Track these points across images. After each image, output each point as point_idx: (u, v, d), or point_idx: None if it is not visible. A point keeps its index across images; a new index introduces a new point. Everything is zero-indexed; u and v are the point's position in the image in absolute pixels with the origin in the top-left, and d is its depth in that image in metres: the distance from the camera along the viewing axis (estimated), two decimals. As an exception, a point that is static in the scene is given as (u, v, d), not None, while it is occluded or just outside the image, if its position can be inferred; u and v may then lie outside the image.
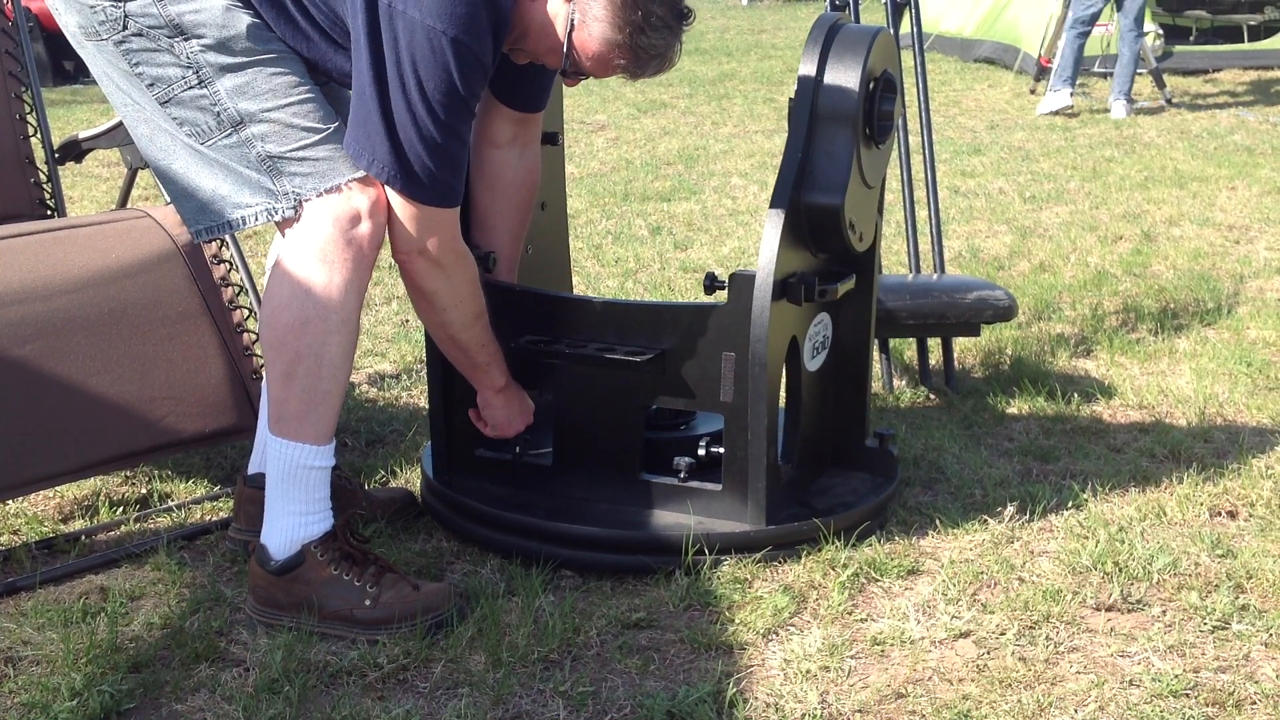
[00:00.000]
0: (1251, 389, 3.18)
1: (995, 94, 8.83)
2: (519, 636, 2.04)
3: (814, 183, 2.26)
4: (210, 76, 2.01)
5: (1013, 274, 4.30)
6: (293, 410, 2.06)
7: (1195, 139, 7.02)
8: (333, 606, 2.07)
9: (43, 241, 2.51)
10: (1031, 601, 2.15)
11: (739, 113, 8.21)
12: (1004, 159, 6.51)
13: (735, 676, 1.95)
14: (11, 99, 2.92)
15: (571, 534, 2.28)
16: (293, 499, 2.08)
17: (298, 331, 2.02)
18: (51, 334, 2.39)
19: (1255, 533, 2.41)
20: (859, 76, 2.25)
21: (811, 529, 2.30)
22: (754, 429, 2.24)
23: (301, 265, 2.02)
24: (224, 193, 2.05)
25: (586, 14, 2.01)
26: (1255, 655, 2.01)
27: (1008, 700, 1.88)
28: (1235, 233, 4.88)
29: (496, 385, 2.35)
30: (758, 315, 2.20)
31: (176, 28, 2.00)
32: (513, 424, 2.41)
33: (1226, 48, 9.86)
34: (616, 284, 4.19)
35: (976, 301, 3.06)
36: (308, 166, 2.03)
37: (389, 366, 3.44)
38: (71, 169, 5.72)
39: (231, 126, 2.02)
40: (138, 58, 2.03)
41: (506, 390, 2.37)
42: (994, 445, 2.87)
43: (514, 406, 2.40)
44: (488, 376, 2.33)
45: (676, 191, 5.77)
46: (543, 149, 2.57)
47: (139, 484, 2.69)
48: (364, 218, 2.02)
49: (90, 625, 2.10)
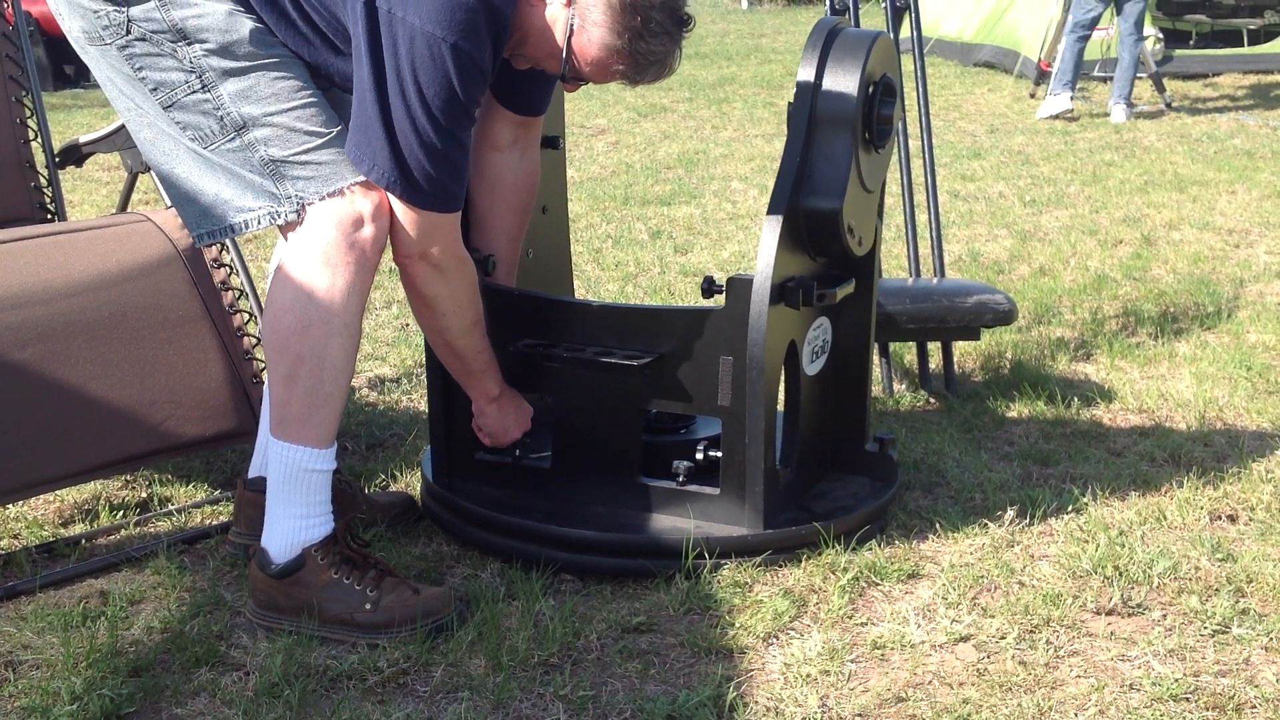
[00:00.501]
0: (1251, 393, 3.18)
1: (995, 98, 8.83)
2: (519, 640, 2.04)
3: (812, 187, 2.26)
4: (213, 81, 2.01)
5: (1013, 278, 4.30)
6: (294, 413, 2.06)
7: (1195, 143, 7.02)
8: (333, 610, 2.07)
9: (43, 245, 2.51)
10: (1032, 605, 2.15)
11: (739, 117, 8.21)
12: (1004, 163, 6.51)
13: (735, 680, 1.95)
14: (12, 103, 2.92)
15: (569, 538, 2.27)
16: (293, 502, 2.08)
17: (300, 334, 2.03)
18: (52, 338, 2.39)
19: (1255, 537, 2.41)
20: (858, 80, 2.26)
21: (809, 533, 2.30)
22: (751, 433, 2.24)
23: (304, 269, 2.02)
24: (226, 197, 2.05)
25: (586, 19, 2.01)
26: (1255, 659, 2.00)
27: (1008, 704, 1.88)
28: (1235, 237, 4.88)
29: (490, 394, 2.35)
30: (755, 319, 2.20)
31: (180, 32, 2.00)
32: (508, 432, 2.41)
33: (1226, 52, 9.87)
34: (616, 288, 4.19)
35: (976, 305, 3.06)
36: (310, 170, 2.03)
37: (389, 370, 3.44)
38: (72, 173, 5.72)
39: (234, 130, 2.02)
40: (141, 62, 2.03)
41: (500, 399, 2.37)
42: (994, 449, 2.87)
43: (509, 415, 2.40)
44: (481, 385, 2.33)
45: (676, 195, 5.78)
46: (544, 153, 2.57)
47: (139, 488, 2.69)
48: (367, 221, 2.02)
49: (90, 629, 2.10)
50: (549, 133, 2.61)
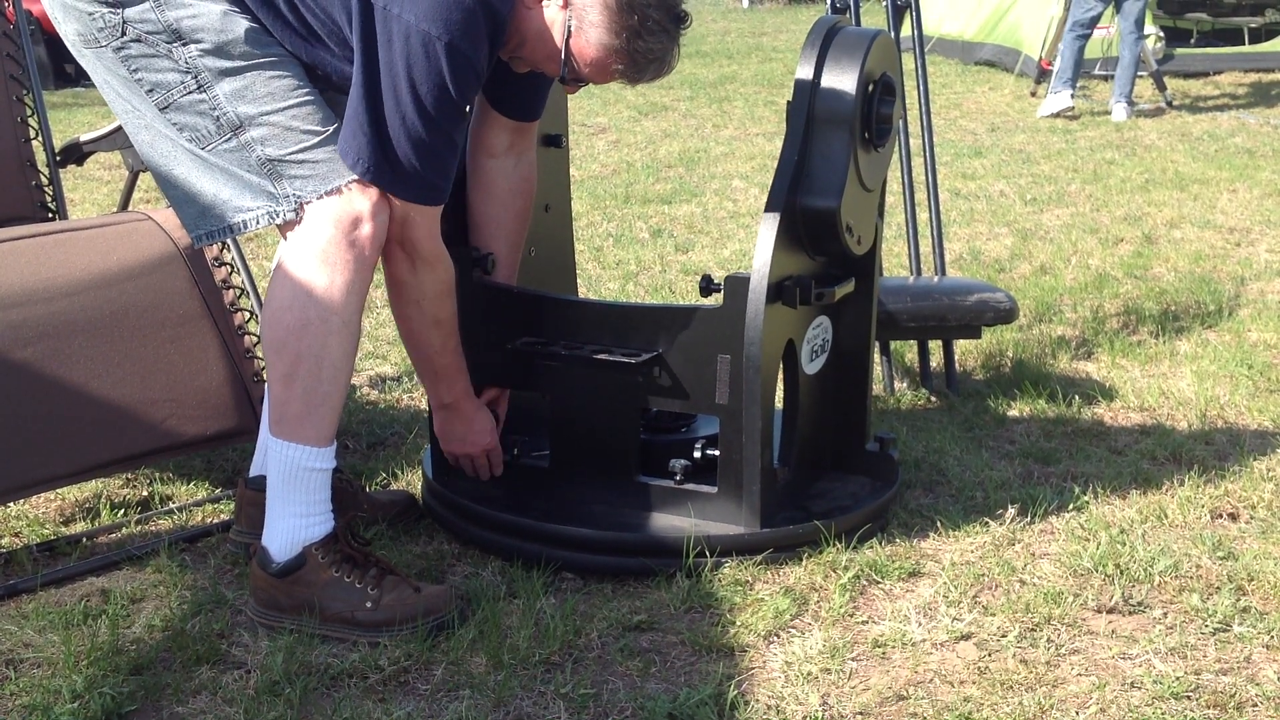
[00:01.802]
0: (1253, 391, 3.18)
1: (996, 96, 8.83)
2: (520, 639, 2.04)
3: (810, 186, 2.26)
4: (209, 81, 2.01)
5: (1014, 276, 4.30)
6: (293, 412, 2.06)
7: (1196, 141, 7.02)
8: (334, 608, 2.07)
9: (44, 244, 2.51)
10: (1033, 603, 2.15)
11: (740, 115, 8.21)
12: (1005, 161, 6.51)
13: (736, 678, 1.95)
14: (13, 102, 2.92)
15: (568, 535, 2.28)
16: (293, 501, 2.09)
17: (299, 333, 2.03)
18: (53, 336, 2.39)
19: (1256, 535, 2.41)
20: (856, 79, 2.25)
21: (806, 532, 2.30)
22: (749, 432, 2.24)
23: (302, 267, 2.02)
24: (225, 197, 2.05)
25: (583, 20, 2.01)
26: (1256, 657, 2.01)
27: (1009, 702, 1.88)
28: (1236, 235, 4.88)
29: (441, 400, 2.35)
30: (752, 318, 2.20)
31: (175, 33, 2.00)
32: (455, 442, 2.40)
33: (1227, 50, 9.87)
34: (617, 286, 4.20)
35: (977, 304, 3.06)
36: (308, 169, 2.03)
37: (390, 369, 3.45)
38: (73, 172, 5.72)
39: (231, 130, 2.02)
40: (136, 64, 2.03)
41: (452, 408, 2.36)
42: (995, 447, 2.87)
43: (457, 427, 2.38)
44: (435, 388, 2.33)
45: (677, 194, 5.78)
46: (546, 151, 2.58)
47: (140, 486, 2.69)
48: (365, 220, 2.03)
49: (91, 627, 2.10)
50: (552, 131, 2.61)
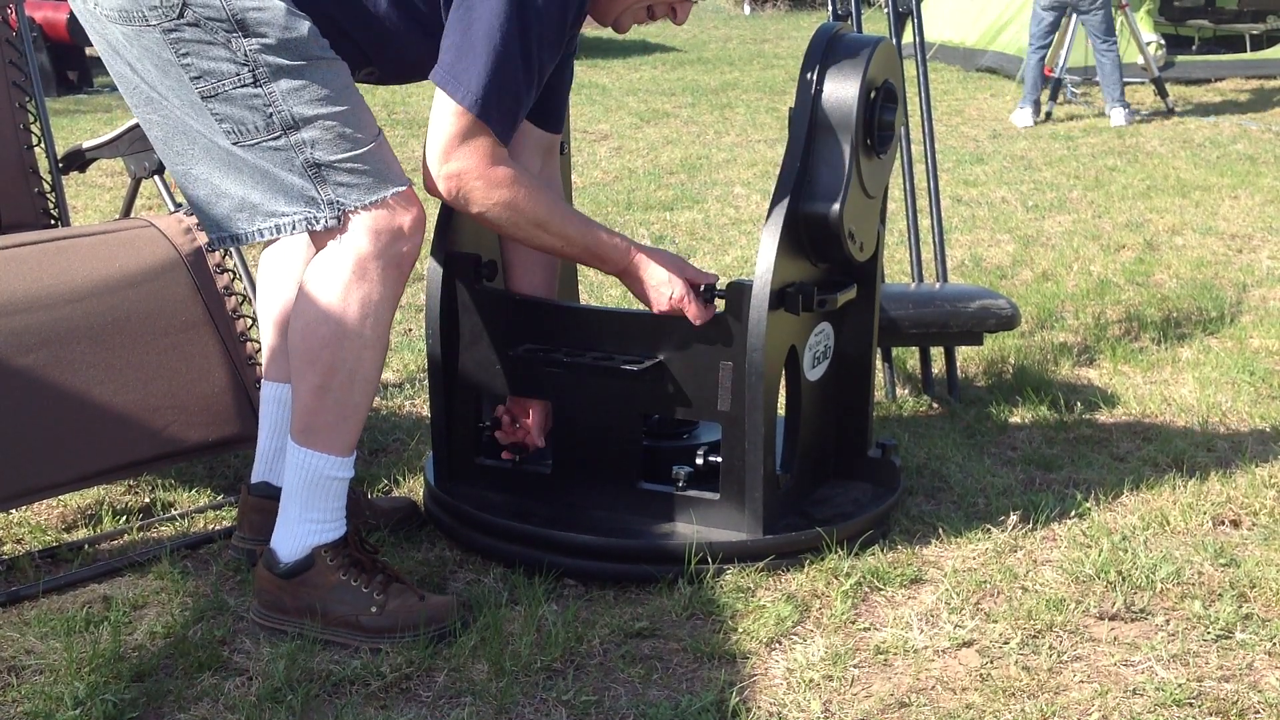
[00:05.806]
0: (1255, 398, 3.18)
1: (998, 103, 8.84)
2: (522, 645, 2.04)
3: (812, 192, 2.26)
4: (266, 77, 1.97)
5: (1015, 283, 4.30)
6: (324, 422, 2.06)
7: (1198, 148, 7.03)
8: (339, 612, 2.07)
9: (46, 251, 2.51)
10: (1035, 610, 2.15)
11: (741, 122, 8.22)
12: (1006, 168, 6.51)
13: (738, 685, 1.95)
14: (15, 109, 2.92)
15: (568, 542, 2.27)
16: (312, 507, 2.09)
17: (334, 346, 2.02)
18: (55, 343, 2.39)
19: (1259, 542, 2.41)
20: (858, 86, 2.26)
21: (809, 539, 2.30)
22: (751, 438, 2.24)
23: (339, 279, 2.01)
24: (255, 200, 2.01)
25: None
26: (1259, 664, 2.00)
27: (1011, 710, 1.88)
28: (1238, 242, 4.88)
29: (618, 266, 2.22)
30: (754, 325, 2.20)
31: (238, 23, 1.95)
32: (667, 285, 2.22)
33: (1229, 57, 9.88)
34: (620, 292, 4.19)
35: (979, 310, 3.06)
36: (355, 177, 2.01)
37: (392, 376, 3.45)
38: (75, 178, 5.72)
39: (282, 129, 1.98)
40: (188, 48, 1.97)
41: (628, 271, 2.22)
42: (997, 454, 2.87)
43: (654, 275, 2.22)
44: (604, 265, 2.23)
45: (679, 201, 5.78)
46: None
47: (142, 493, 2.69)
48: (405, 235, 2.03)
49: (93, 634, 2.10)
50: (553, 138, 2.61)
